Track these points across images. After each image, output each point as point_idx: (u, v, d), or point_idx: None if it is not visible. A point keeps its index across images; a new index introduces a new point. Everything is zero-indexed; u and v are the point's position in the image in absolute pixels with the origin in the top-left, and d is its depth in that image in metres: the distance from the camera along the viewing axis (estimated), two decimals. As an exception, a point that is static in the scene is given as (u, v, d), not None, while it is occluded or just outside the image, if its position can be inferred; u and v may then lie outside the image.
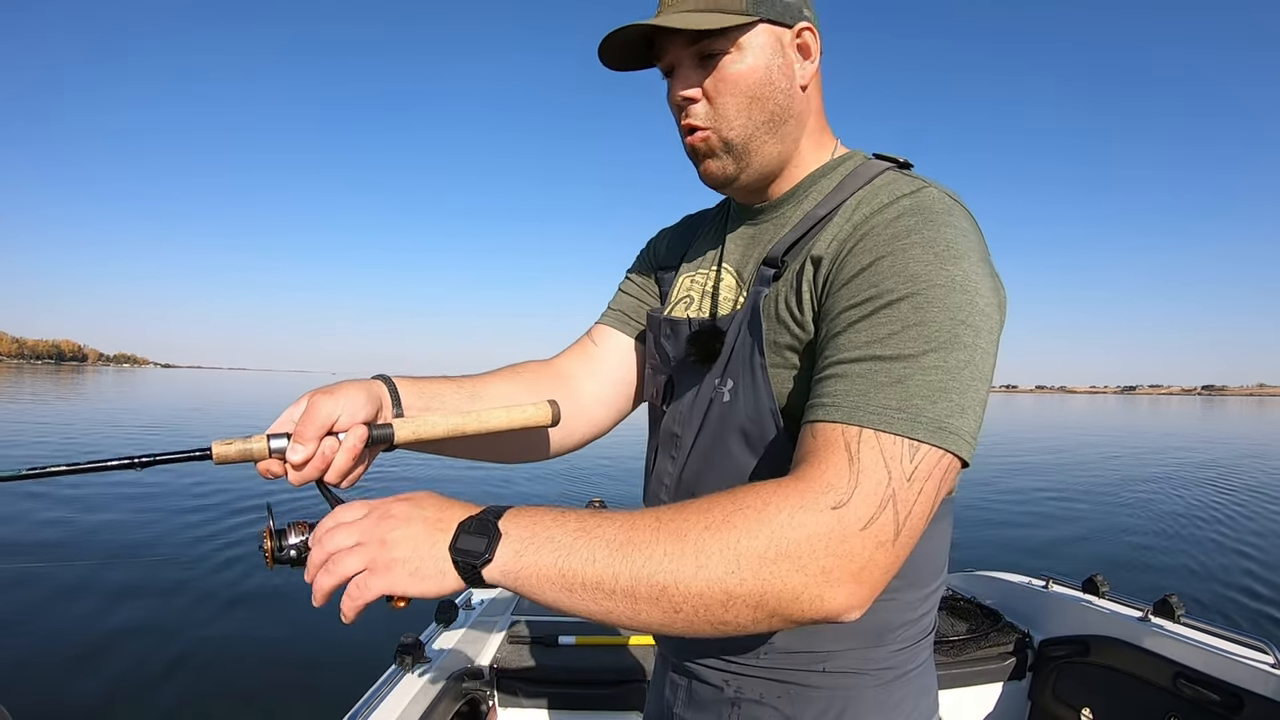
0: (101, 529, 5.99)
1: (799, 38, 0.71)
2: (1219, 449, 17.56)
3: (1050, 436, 21.53)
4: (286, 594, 4.44)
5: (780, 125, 0.71)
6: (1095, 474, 11.99)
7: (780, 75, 0.70)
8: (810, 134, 0.74)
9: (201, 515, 6.56)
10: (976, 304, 0.58)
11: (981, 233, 0.66)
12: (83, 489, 7.39)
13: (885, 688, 0.71)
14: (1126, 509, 8.42)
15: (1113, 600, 1.96)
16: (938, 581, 0.74)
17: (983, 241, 0.65)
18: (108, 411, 22.38)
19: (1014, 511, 8.23)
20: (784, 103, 0.71)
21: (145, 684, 3.18)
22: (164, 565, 4.90)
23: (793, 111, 0.72)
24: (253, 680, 3.25)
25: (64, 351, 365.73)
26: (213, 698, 3.09)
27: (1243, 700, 1.48)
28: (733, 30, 0.68)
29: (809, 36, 0.71)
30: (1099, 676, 1.84)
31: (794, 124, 0.72)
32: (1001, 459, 14.25)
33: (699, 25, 0.66)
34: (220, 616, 4.01)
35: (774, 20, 0.69)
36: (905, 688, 0.72)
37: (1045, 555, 6.19)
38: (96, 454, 5.99)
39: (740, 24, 0.67)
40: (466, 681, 1.72)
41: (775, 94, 0.70)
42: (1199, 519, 7.77)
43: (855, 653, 0.70)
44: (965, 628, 2.08)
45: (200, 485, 8.01)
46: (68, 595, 4.32)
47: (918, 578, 0.71)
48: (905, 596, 0.70)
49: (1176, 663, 1.64)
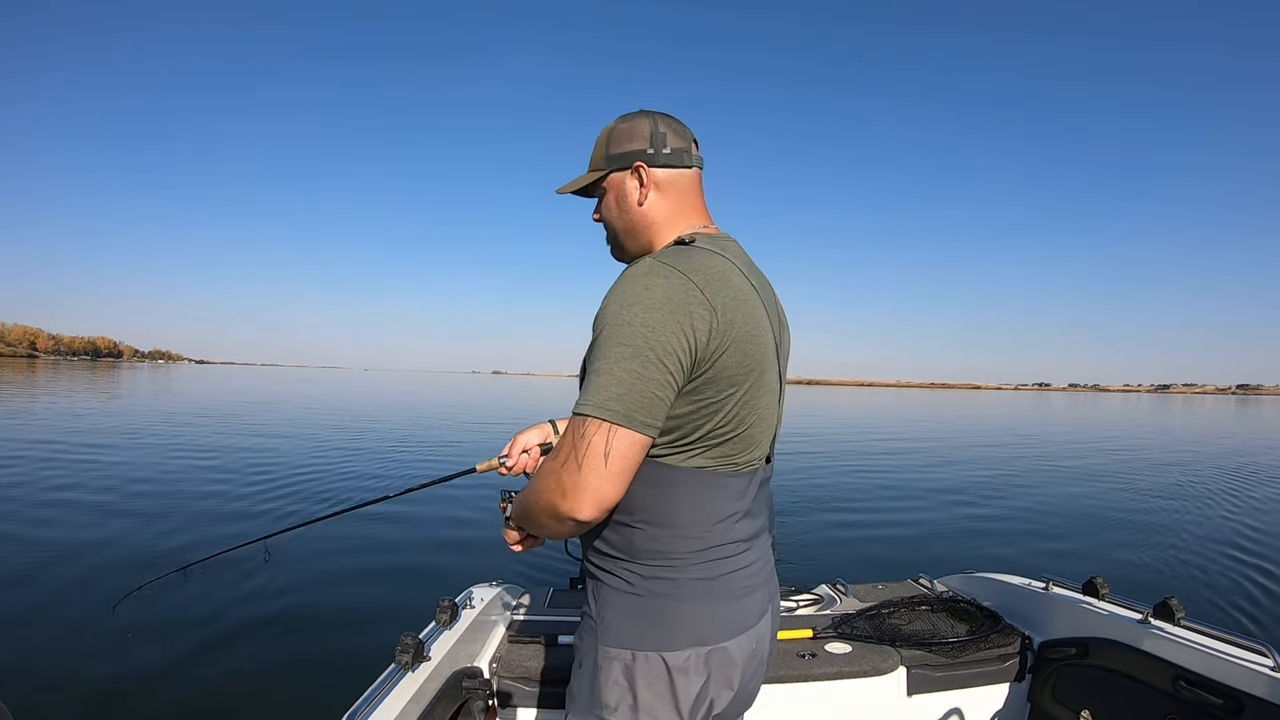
0: (99, 530, 5.99)
1: (634, 174, 1.11)
2: (1227, 448, 17.56)
3: (1056, 436, 21.51)
4: (286, 593, 4.45)
5: (631, 228, 1.13)
6: (1096, 474, 11.98)
7: (624, 199, 1.12)
8: (662, 228, 1.11)
9: (203, 515, 6.57)
10: (637, 331, 0.90)
11: (681, 283, 0.93)
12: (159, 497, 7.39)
13: (629, 596, 1.01)
14: (1127, 509, 8.40)
15: (1113, 602, 1.96)
16: (684, 530, 0.99)
17: (673, 290, 0.92)
18: (177, 404, 22.35)
19: (1014, 511, 8.23)
20: (629, 216, 1.13)
21: (144, 684, 3.18)
22: (163, 566, 4.91)
23: (635, 219, 1.12)
24: (252, 680, 3.25)
25: (100, 348, 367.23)
26: (212, 697, 3.09)
27: (1243, 703, 1.48)
28: (599, 178, 1.14)
29: (641, 171, 1.10)
30: (1099, 679, 1.84)
31: (642, 225, 1.12)
32: (1000, 459, 14.25)
33: (572, 187, 1.16)
34: (220, 616, 4.01)
35: (619, 168, 1.11)
36: (648, 602, 1.00)
37: (1045, 557, 6.19)
38: (221, 455, 5.97)
39: (596, 177, 1.14)
40: (466, 681, 1.72)
41: (623, 212, 1.13)
42: (1200, 520, 7.75)
43: (614, 561, 1.03)
44: (965, 629, 2.08)
45: (210, 485, 8.01)
46: (68, 594, 4.33)
47: (661, 519, 0.99)
48: (650, 531, 0.99)
49: (1176, 665, 1.64)
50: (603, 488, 0.90)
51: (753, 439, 1.02)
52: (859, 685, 1.89)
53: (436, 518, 6.88)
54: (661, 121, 1.12)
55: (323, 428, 16.26)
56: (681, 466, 0.98)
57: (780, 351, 1.09)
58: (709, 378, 0.95)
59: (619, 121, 1.14)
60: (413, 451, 12.36)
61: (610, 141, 1.13)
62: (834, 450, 15.25)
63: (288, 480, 8.55)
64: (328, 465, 9.97)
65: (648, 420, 0.91)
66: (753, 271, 1.09)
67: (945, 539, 6.78)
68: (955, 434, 22.26)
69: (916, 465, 12.93)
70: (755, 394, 1.00)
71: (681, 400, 0.95)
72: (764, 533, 1.13)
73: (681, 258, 0.97)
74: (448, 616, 1.81)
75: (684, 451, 0.98)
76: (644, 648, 0.99)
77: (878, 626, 2.09)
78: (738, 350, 0.96)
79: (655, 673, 0.98)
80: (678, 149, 1.11)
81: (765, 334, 1.02)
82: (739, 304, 0.97)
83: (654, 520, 0.99)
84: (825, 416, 30.93)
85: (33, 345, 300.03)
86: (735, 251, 1.07)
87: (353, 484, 8.49)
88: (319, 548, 5.54)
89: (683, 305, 0.92)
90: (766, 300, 1.07)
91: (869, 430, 22.62)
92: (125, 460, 9.78)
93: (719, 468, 1.00)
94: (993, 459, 14.41)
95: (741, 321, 0.96)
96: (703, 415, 0.96)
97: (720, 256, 1.01)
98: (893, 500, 8.83)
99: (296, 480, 8.56)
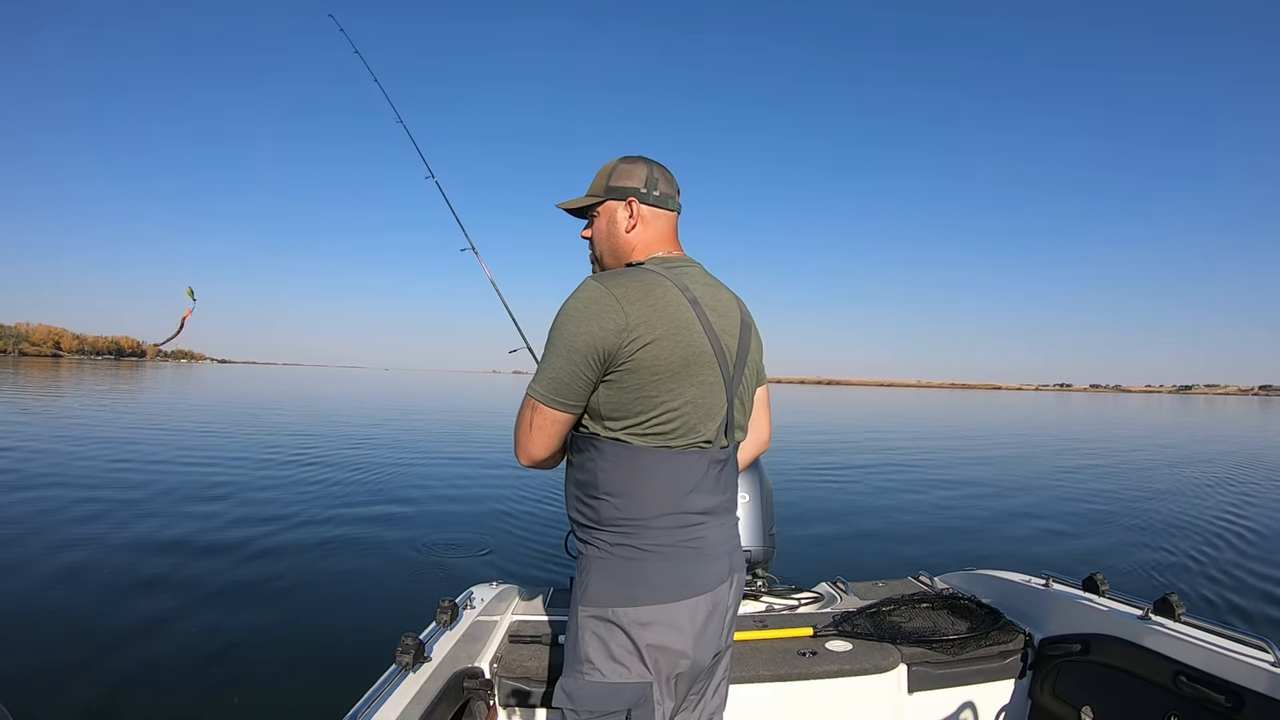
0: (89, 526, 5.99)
1: (627, 206, 1.32)
2: (1238, 448, 17.58)
3: (1064, 436, 21.54)
4: (287, 594, 4.45)
5: (614, 249, 1.34)
6: (1096, 474, 11.99)
7: (614, 225, 1.33)
8: (637, 253, 1.32)
9: (201, 516, 6.56)
10: (565, 337, 1.15)
11: (600, 296, 1.14)
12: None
13: (600, 561, 1.19)
14: (1126, 506, 8.42)
15: (1113, 599, 1.96)
16: (641, 500, 1.17)
17: (591, 302, 1.14)
18: (222, 402, 22.10)
19: (1013, 512, 8.24)
20: (615, 240, 1.33)
21: (143, 683, 3.18)
22: (163, 565, 4.91)
23: (620, 243, 1.33)
24: (253, 680, 3.25)
25: (123, 348, 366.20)
26: (213, 698, 3.08)
27: (1243, 699, 1.48)
28: (595, 203, 1.35)
29: (633, 204, 1.32)
30: (1099, 675, 1.84)
31: (624, 248, 1.33)
32: (1002, 458, 14.26)
33: (573, 205, 1.38)
34: (219, 616, 4.01)
35: (614, 198, 1.33)
36: (616, 564, 1.17)
37: (1046, 553, 6.20)
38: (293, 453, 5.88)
39: (594, 201, 1.35)
40: (466, 681, 1.72)
41: (610, 235, 1.34)
42: (1199, 517, 7.76)
43: (589, 531, 1.21)
44: (966, 626, 2.08)
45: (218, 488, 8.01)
46: (67, 591, 4.32)
47: (623, 491, 1.17)
48: (614, 501, 1.17)
49: (1177, 661, 1.64)
50: (529, 446, 1.23)
51: (690, 423, 1.19)
52: (860, 683, 1.90)
53: (437, 518, 6.88)
54: (656, 169, 1.35)
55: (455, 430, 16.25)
56: (636, 445, 1.17)
57: (725, 351, 1.24)
58: (629, 368, 1.14)
59: (621, 162, 1.35)
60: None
61: (612, 176, 1.34)
62: (835, 450, 15.27)
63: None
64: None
65: (563, 400, 1.17)
66: (704, 286, 1.26)
67: (945, 536, 6.79)
68: (964, 434, 22.26)
69: (917, 463, 12.95)
70: (686, 384, 1.17)
71: (610, 387, 1.16)
72: (724, 510, 1.28)
73: (612, 276, 1.19)
74: (448, 617, 1.81)
75: (636, 433, 1.17)
76: (613, 605, 1.16)
77: (878, 624, 2.09)
78: (657, 348, 1.14)
79: (622, 627, 1.15)
80: (664, 193, 1.34)
81: (694, 336, 1.18)
82: (658, 311, 1.15)
83: (616, 492, 1.18)
84: (836, 416, 30.95)
85: (57, 345, 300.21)
86: (688, 272, 1.27)
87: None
88: (319, 548, 5.54)
89: (597, 313, 1.13)
90: (716, 310, 1.25)
91: (873, 431, 22.62)
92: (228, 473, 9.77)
93: (668, 446, 1.18)
94: (993, 459, 14.42)
95: (661, 326, 1.15)
96: (641, 400, 1.15)
97: (656, 275, 1.21)
98: (893, 498, 8.84)
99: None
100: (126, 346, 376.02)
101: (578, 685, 1.15)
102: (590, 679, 1.15)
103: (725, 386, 1.23)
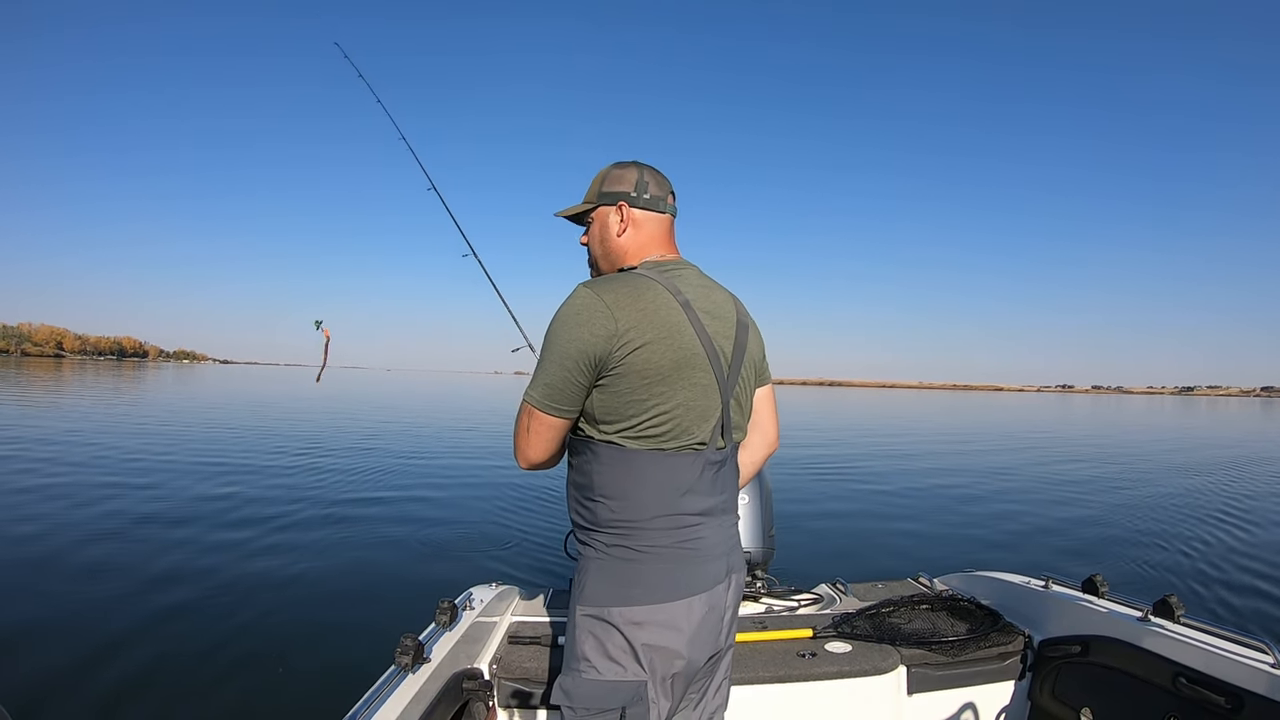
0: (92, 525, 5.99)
1: (618, 211, 1.34)
2: (1232, 448, 17.57)
3: (1064, 436, 21.53)
4: (286, 594, 4.44)
5: (607, 254, 1.36)
6: (1096, 475, 11.99)
7: (606, 229, 1.35)
8: (630, 257, 1.33)
9: (196, 519, 6.57)
10: (557, 344, 1.16)
11: (590, 302, 1.16)
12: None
13: (597, 561, 1.20)
14: (1126, 508, 8.41)
15: (1112, 600, 1.96)
16: (636, 502, 1.18)
17: (581, 308, 1.16)
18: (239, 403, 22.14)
19: (1013, 513, 8.23)
20: (608, 244, 1.35)
21: (142, 683, 3.17)
22: (163, 565, 4.91)
23: (612, 247, 1.35)
24: (252, 681, 3.25)
25: (125, 348, 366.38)
26: (213, 698, 3.08)
27: (1243, 700, 1.48)
28: (589, 209, 1.38)
29: (624, 209, 1.33)
30: (1099, 676, 1.84)
31: (617, 252, 1.35)
32: (1000, 457, 14.25)
33: (568, 212, 1.40)
34: (218, 616, 4.01)
35: (606, 203, 1.35)
36: (612, 565, 1.19)
37: (1045, 555, 6.19)
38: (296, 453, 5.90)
39: (588, 208, 1.37)
40: (466, 683, 1.72)
41: (603, 240, 1.36)
42: (1199, 518, 7.76)
43: (587, 532, 1.23)
44: (965, 628, 2.08)
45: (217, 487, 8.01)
46: (67, 590, 4.32)
47: (618, 494, 1.19)
48: (609, 504, 1.19)
49: (1176, 663, 1.64)
50: (527, 451, 1.25)
51: (683, 425, 1.20)
52: (859, 684, 1.89)
53: (436, 518, 6.88)
54: (647, 172, 1.36)
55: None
56: (630, 448, 1.18)
57: (719, 353, 1.25)
58: (620, 373, 1.15)
59: (613, 167, 1.37)
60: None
61: (604, 182, 1.36)
62: (835, 451, 15.26)
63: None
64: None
65: (557, 406, 1.19)
66: (698, 289, 1.27)
67: (945, 538, 6.79)
68: (964, 435, 22.25)
69: (916, 465, 12.95)
70: (678, 387, 1.18)
71: (603, 391, 1.17)
72: (722, 511, 1.28)
73: (603, 282, 1.21)
74: (448, 618, 1.81)
75: (629, 436, 1.18)
76: (609, 605, 1.18)
77: (878, 626, 2.09)
78: (647, 352, 1.15)
79: (617, 627, 1.16)
80: (656, 196, 1.35)
81: (685, 340, 1.19)
82: (648, 316, 1.17)
83: (612, 495, 1.19)
84: (836, 417, 30.93)
85: (59, 345, 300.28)
86: (682, 275, 1.28)
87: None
88: (319, 548, 5.54)
89: (587, 320, 1.15)
90: (710, 311, 1.26)
91: (873, 432, 22.61)
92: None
93: (661, 448, 1.19)
94: (993, 460, 14.41)
95: (651, 330, 1.16)
96: (633, 404, 1.16)
97: (647, 279, 1.22)
98: (893, 500, 8.84)
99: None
100: (128, 346, 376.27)
101: (575, 683, 1.17)
102: (587, 677, 1.17)
103: (720, 388, 1.24)
